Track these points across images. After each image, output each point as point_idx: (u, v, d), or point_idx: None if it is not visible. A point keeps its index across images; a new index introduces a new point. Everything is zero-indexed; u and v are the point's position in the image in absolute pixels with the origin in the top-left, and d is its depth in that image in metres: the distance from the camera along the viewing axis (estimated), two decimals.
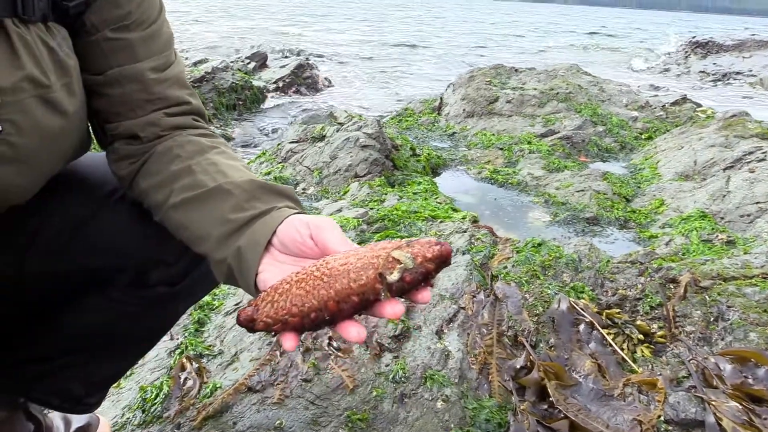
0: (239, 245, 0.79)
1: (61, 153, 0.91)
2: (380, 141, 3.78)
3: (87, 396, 1.27)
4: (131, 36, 0.92)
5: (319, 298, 0.62)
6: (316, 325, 0.64)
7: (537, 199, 3.76)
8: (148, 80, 0.94)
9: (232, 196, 0.84)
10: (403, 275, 0.61)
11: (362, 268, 0.62)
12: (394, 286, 0.61)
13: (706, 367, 1.66)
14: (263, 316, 0.65)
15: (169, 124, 0.96)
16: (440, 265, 0.63)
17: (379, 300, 0.62)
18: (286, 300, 0.64)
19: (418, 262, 0.61)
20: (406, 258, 0.62)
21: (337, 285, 0.62)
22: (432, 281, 0.64)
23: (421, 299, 0.66)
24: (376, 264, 0.62)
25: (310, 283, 0.64)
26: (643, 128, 5.41)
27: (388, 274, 0.61)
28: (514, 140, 4.89)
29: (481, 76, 6.27)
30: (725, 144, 4.16)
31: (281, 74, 7.34)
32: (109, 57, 0.91)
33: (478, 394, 1.65)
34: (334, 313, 0.62)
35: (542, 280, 2.13)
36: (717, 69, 12.21)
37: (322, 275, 0.64)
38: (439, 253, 0.62)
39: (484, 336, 1.84)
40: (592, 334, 1.86)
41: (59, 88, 0.83)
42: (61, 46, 0.84)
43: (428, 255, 0.62)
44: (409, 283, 0.61)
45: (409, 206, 2.99)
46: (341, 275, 0.63)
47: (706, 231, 2.97)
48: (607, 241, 3.18)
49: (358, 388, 1.60)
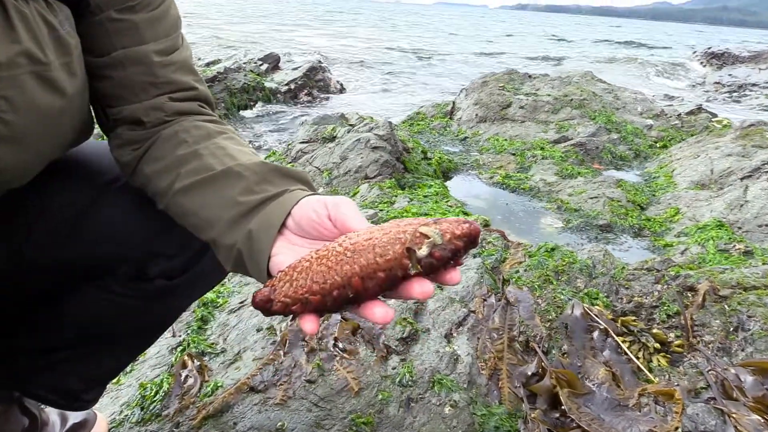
0: (250, 228, 0.74)
1: (60, 135, 0.88)
2: (391, 143, 3.74)
3: (84, 392, 1.23)
4: (137, 17, 0.89)
5: (343, 274, 0.58)
6: (339, 305, 0.60)
7: (549, 205, 3.70)
8: (153, 63, 0.90)
9: (243, 178, 0.79)
10: (432, 251, 0.57)
11: (389, 242, 0.58)
12: (422, 262, 0.57)
13: (725, 379, 1.59)
14: (281, 296, 0.61)
15: (173, 109, 0.92)
16: (468, 244, 0.59)
17: (406, 277, 0.58)
18: (306, 278, 0.60)
19: (447, 239, 0.58)
20: (435, 234, 0.58)
21: (362, 260, 0.58)
22: (461, 260, 0.61)
23: (449, 280, 0.62)
24: (403, 239, 0.58)
25: (332, 258, 0.59)
26: (657, 137, 5.34)
27: (417, 248, 0.57)
28: (526, 146, 4.83)
29: (494, 82, 6.22)
30: (743, 153, 4.08)
31: (293, 76, 7.33)
32: (114, 38, 0.88)
33: (488, 401, 1.59)
34: (358, 290, 0.58)
35: (555, 286, 2.07)
36: (732, 80, 12.09)
37: (345, 250, 0.60)
38: (468, 231, 0.59)
39: (494, 341, 1.79)
40: (606, 342, 1.80)
41: (58, 66, 0.79)
42: (63, 24, 0.80)
43: (457, 232, 0.58)
44: (438, 259, 0.58)
45: (420, 209, 2.94)
46: (366, 250, 0.58)
47: (723, 240, 2.89)
48: (621, 248, 3.11)
49: (363, 390, 1.55)
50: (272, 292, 0.61)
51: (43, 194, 0.98)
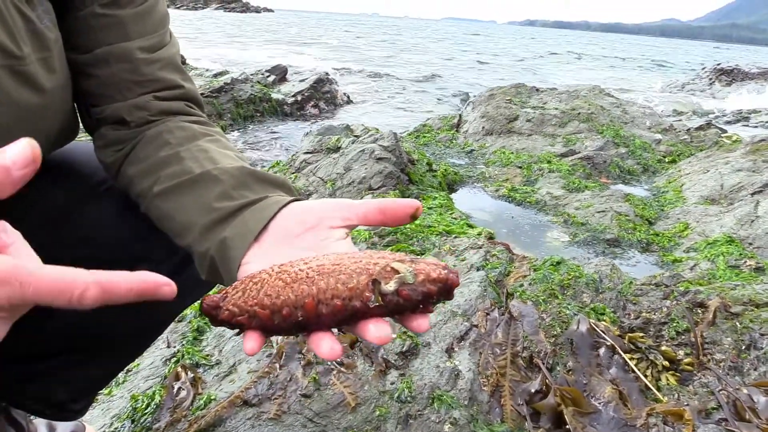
0: (225, 235, 0.70)
1: (40, 133, 0.84)
2: (396, 154, 3.70)
3: (71, 402, 1.19)
4: (122, 13, 0.86)
5: (297, 293, 0.53)
6: (288, 327, 0.54)
7: (556, 218, 3.65)
8: (138, 60, 0.87)
9: (220, 182, 0.76)
10: (400, 288, 0.52)
11: (356, 271, 0.54)
12: (387, 299, 0.52)
13: (737, 399, 1.53)
14: (229, 304, 0.56)
15: (158, 108, 0.89)
16: (443, 291, 0.54)
17: (365, 314, 0.53)
18: (259, 290, 0.55)
19: (419, 280, 0.53)
20: (407, 271, 0.53)
21: (322, 283, 0.53)
22: (431, 308, 0.55)
23: (416, 327, 0.56)
24: (372, 270, 0.53)
25: (292, 275, 0.54)
26: (666, 151, 5.28)
27: (384, 282, 0.52)
28: (533, 159, 4.79)
29: (501, 95, 6.19)
30: (753, 168, 4.02)
31: (300, 88, 7.33)
32: (98, 34, 0.84)
33: (489, 419, 1.54)
34: (310, 314, 0.53)
35: (560, 300, 2.01)
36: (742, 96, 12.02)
37: (309, 269, 0.55)
38: (445, 277, 0.54)
39: (497, 356, 1.73)
40: (613, 359, 1.74)
41: (34, 60, 0.76)
42: (41, 17, 0.77)
43: (433, 275, 0.53)
44: (405, 299, 0.53)
45: (424, 220, 2.90)
46: (329, 274, 0.54)
47: (733, 256, 2.83)
48: (628, 263, 3.05)
49: (360, 406, 1.49)
50: (222, 300, 0.57)
51: (26, 196, 0.94)
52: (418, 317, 0.56)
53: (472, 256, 2.41)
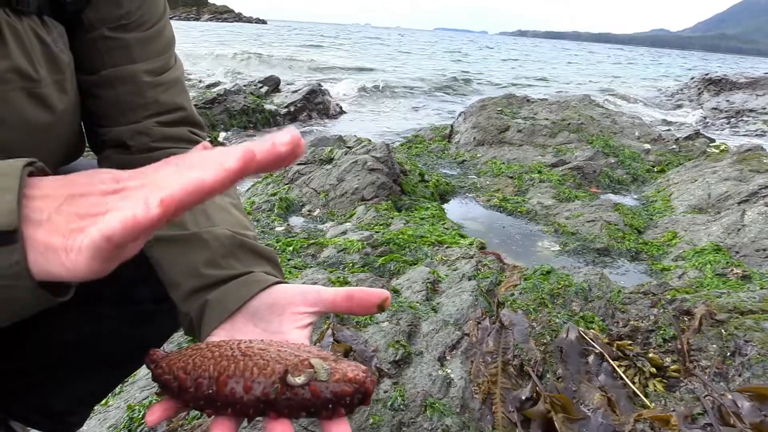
0: (205, 303, 0.74)
1: (48, 150, 0.87)
2: (388, 165, 3.75)
3: (69, 414, 1.21)
4: (129, 36, 0.89)
5: (217, 368, 0.55)
6: (199, 395, 0.55)
7: (546, 228, 3.69)
8: (143, 83, 0.90)
9: (208, 248, 0.79)
10: (311, 384, 0.52)
11: (275, 359, 0.55)
12: (295, 391, 0.52)
13: (722, 404, 1.57)
14: (164, 362, 0.58)
15: (160, 134, 0.92)
16: (357, 393, 0.54)
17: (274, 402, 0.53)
18: (190, 356, 0.57)
19: (334, 379, 0.53)
20: (322, 368, 0.53)
21: (241, 364, 0.55)
22: (343, 411, 0.54)
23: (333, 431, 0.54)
24: (288, 361, 0.54)
25: (218, 352, 0.57)
26: (655, 161, 5.35)
27: (294, 375, 0.53)
28: (524, 169, 4.84)
29: (492, 106, 6.26)
30: (740, 178, 4.09)
31: (293, 99, 7.38)
32: (105, 56, 0.88)
33: (481, 426, 1.57)
34: (221, 390, 0.54)
35: (550, 309, 2.05)
36: (730, 106, 12.17)
37: (236, 350, 0.57)
38: (361, 379, 0.54)
39: (488, 364, 1.76)
40: (602, 366, 1.77)
41: (50, 83, 0.79)
42: (56, 41, 0.80)
43: (349, 375, 0.53)
44: (314, 396, 0.52)
45: (416, 231, 2.93)
46: (251, 357, 0.55)
47: (720, 265, 2.88)
48: (618, 272, 3.10)
49: (353, 414, 1.52)
50: (164, 357, 0.59)
51: None
52: (334, 424, 0.54)
53: (463, 265, 2.44)
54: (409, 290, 2.21)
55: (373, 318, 1.91)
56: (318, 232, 3.11)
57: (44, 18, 0.79)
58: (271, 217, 3.31)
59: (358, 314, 0.70)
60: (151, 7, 0.92)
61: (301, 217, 3.44)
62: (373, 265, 2.53)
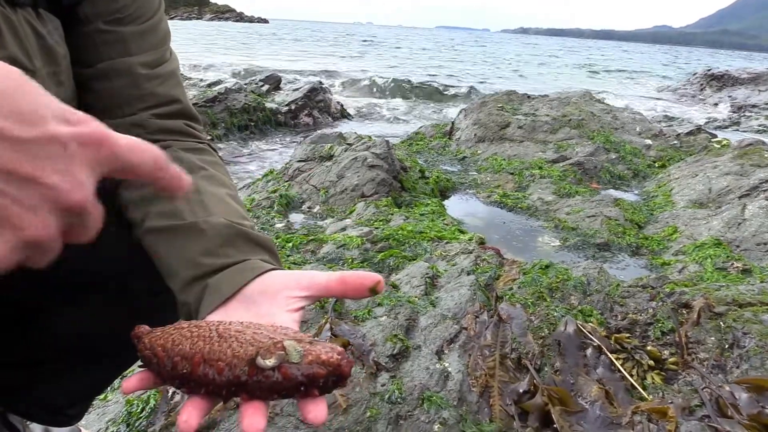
0: (202, 289, 0.75)
1: None
2: (388, 162, 3.75)
3: (68, 407, 1.22)
4: (124, 30, 0.90)
5: (192, 347, 0.55)
6: (174, 374, 0.56)
7: (547, 223, 3.69)
8: (138, 75, 0.91)
9: (206, 237, 0.79)
10: (281, 366, 0.52)
11: (249, 341, 0.54)
12: (266, 374, 0.52)
13: (720, 396, 1.57)
14: (147, 338, 0.59)
15: (156, 127, 0.92)
16: (331, 376, 0.53)
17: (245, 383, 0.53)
18: (170, 335, 0.58)
19: (307, 361, 0.52)
20: (294, 350, 0.53)
21: (216, 345, 0.55)
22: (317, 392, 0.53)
23: (308, 414, 0.53)
24: (261, 344, 0.54)
25: (198, 333, 0.57)
26: (656, 156, 5.34)
27: (265, 357, 0.52)
28: (524, 165, 4.84)
29: (493, 102, 6.25)
30: (741, 172, 4.08)
31: (294, 97, 7.38)
32: (101, 49, 0.88)
33: (478, 418, 1.57)
34: (195, 370, 0.54)
35: (549, 303, 2.05)
36: (732, 101, 12.14)
37: (214, 331, 0.57)
38: (336, 361, 0.53)
39: (486, 358, 1.77)
40: (599, 359, 1.77)
41: (44, 75, 0.80)
42: (51, 33, 0.81)
43: (323, 357, 0.52)
44: (286, 378, 0.52)
45: (415, 227, 2.94)
46: (226, 339, 0.55)
47: (720, 259, 2.87)
48: (618, 267, 3.09)
49: (351, 407, 1.52)
50: (147, 333, 0.60)
51: None
52: (310, 403, 0.53)
53: (462, 260, 2.44)
54: (407, 285, 2.21)
55: (371, 312, 1.92)
56: (318, 229, 3.11)
57: (39, 11, 0.79)
58: (271, 213, 3.32)
59: (351, 297, 0.70)
60: (146, 1, 0.93)
61: (301, 213, 3.45)
62: (373, 260, 2.53)
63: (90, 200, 0.43)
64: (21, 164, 0.38)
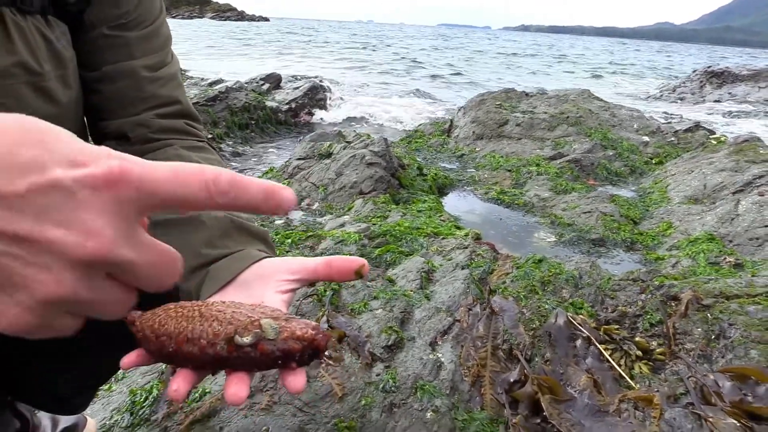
0: (203, 277, 0.81)
1: None
2: (386, 159, 3.80)
3: (74, 397, 1.26)
4: (128, 34, 0.94)
5: (177, 328, 0.59)
6: (162, 353, 0.60)
7: (543, 219, 3.74)
8: (141, 77, 0.96)
9: (206, 228, 0.85)
10: (258, 342, 0.56)
11: (228, 321, 0.58)
12: (244, 350, 0.56)
13: (704, 384, 1.62)
14: (138, 321, 0.64)
15: (159, 126, 0.97)
16: (307, 349, 0.56)
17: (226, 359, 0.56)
18: (158, 317, 0.63)
19: (282, 337, 0.56)
20: (270, 327, 0.56)
21: (198, 325, 0.58)
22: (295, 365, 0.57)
23: (288, 383, 0.57)
24: (239, 323, 0.57)
25: (183, 314, 0.61)
26: (653, 153, 5.38)
27: (243, 335, 0.56)
28: (522, 162, 4.88)
29: (491, 100, 6.29)
30: (736, 168, 4.12)
31: (294, 95, 7.43)
32: (105, 53, 0.93)
33: (470, 406, 1.62)
34: (180, 348, 0.58)
35: (540, 296, 2.10)
36: (732, 98, 12.16)
37: (197, 312, 0.61)
38: (311, 336, 0.56)
39: (478, 349, 1.82)
40: (589, 350, 1.82)
41: (53, 77, 0.84)
42: (59, 38, 0.86)
43: (297, 333, 0.56)
44: (263, 354, 0.55)
45: (412, 223, 2.99)
46: (207, 319, 0.59)
47: (713, 253, 2.92)
48: (612, 262, 3.14)
49: (347, 396, 1.58)
50: (139, 317, 0.65)
51: None
52: (289, 375, 0.57)
53: (458, 255, 2.50)
54: (404, 279, 2.26)
55: (367, 305, 1.97)
56: (316, 225, 3.17)
57: (48, 17, 0.84)
58: None
59: (337, 280, 0.74)
60: (148, 8, 0.98)
61: (300, 210, 3.50)
62: (370, 256, 2.58)
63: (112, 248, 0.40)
64: (17, 222, 0.35)
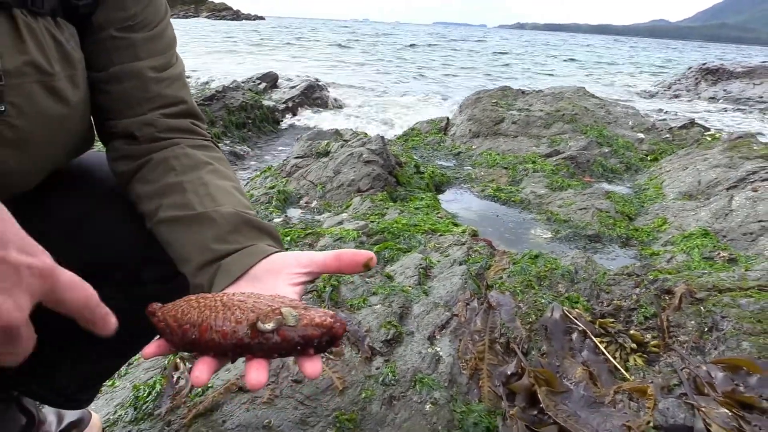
0: (214, 272, 0.83)
1: (62, 141, 0.95)
2: (384, 157, 3.82)
3: (79, 392, 1.28)
4: (135, 36, 0.97)
5: (200, 316, 0.63)
6: (185, 341, 0.63)
7: (539, 216, 3.77)
8: (147, 78, 0.98)
9: (216, 225, 0.87)
10: (280, 329, 0.59)
11: (250, 309, 0.62)
12: (266, 336, 0.59)
13: (697, 375, 1.65)
14: (160, 311, 0.67)
15: (165, 126, 0.99)
16: (325, 336, 0.60)
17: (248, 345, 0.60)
18: (181, 307, 0.65)
19: (302, 324, 0.59)
20: (290, 315, 0.60)
21: (220, 314, 0.62)
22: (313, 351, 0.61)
23: (306, 369, 0.60)
24: (261, 311, 0.61)
25: (204, 303, 0.65)
26: (649, 150, 5.42)
27: (264, 322, 0.60)
28: (518, 160, 4.92)
29: (487, 98, 6.33)
30: (730, 164, 4.16)
31: (291, 95, 7.46)
32: (112, 55, 0.96)
33: (468, 399, 1.65)
34: (202, 335, 0.62)
35: (537, 290, 2.13)
36: (727, 95, 12.22)
37: (218, 301, 0.65)
38: (329, 324, 0.60)
39: (476, 342, 1.85)
40: (584, 343, 1.86)
41: (63, 77, 0.87)
42: (68, 40, 0.88)
43: (316, 320, 0.60)
44: (284, 339, 0.59)
45: (410, 220, 3.01)
46: (230, 308, 0.63)
47: (707, 248, 2.96)
48: (608, 257, 3.18)
49: (347, 389, 1.61)
50: (160, 308, 0.67)
51: (46, 202, 1.04)
52: (307, 361, 0.60)
53: (455, 252, 2.53)
54: (402, 276, 2.29)
55: (366, 301, 2.00)
56: (315, 223, 3.19)
57: (57, 19, 0.87)
58: (269, 209, 3.40)
59: (346, 273, 0.78)
60: (153, 10, 1.01)
61: (299, 208, 3.53)
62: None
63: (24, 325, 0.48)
64: None
